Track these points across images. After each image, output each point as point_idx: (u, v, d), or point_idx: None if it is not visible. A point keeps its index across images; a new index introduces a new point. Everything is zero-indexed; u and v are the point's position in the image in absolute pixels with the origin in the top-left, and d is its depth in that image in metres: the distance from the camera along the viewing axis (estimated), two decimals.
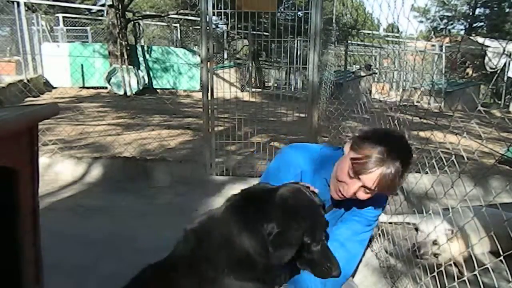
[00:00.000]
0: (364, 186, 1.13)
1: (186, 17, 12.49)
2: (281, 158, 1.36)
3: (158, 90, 10.34)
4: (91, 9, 16.25)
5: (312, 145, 1.40)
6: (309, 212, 1.04)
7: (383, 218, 2.77)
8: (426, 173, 2.13)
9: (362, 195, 1.15)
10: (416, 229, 2.58)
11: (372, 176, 1.10)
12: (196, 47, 12.20)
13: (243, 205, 1.07)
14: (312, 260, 1.06)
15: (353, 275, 1.42)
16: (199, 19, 3.46)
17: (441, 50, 12.94)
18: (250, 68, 10.63)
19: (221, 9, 3.45)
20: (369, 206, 1.30)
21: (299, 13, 4.43)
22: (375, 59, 15.58)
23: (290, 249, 0.99)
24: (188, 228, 1.13)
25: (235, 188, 3.59)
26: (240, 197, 1.11)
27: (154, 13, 13.33)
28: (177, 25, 12.82)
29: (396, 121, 2.39)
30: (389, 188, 1.13)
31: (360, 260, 1.39)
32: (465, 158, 1.83)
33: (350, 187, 1.14)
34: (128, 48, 9.46)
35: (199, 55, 7.97)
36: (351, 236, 1.31)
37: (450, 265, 1.91)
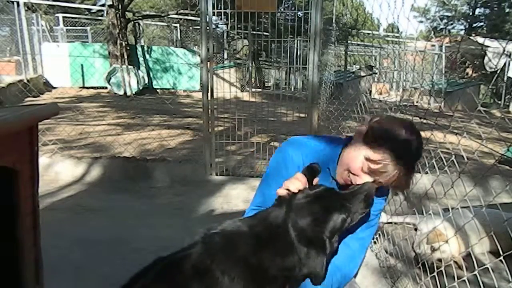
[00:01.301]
0: (376, 182, 1.14)
1: (186, 17, 12.48)
2: (280, 157, 1.35)
3: (158, 90, 10.34)
4: (91, 9, 16.25)
5: (311, 139, 1.38)
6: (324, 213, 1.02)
7: (383, 218, 2.78)
8: (426, 173, 2.13)
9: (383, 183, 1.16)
10: (416, 229, 2.58)
11: (388, 178, 1.12)
12: (196, 47, 12.19)
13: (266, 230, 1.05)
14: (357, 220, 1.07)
15: (355, 276, 1.41)
16: (199, 19, 3.46)
17: (441, 50, 12.93)
18: (250, 68, 10.63)
19: (221, 9, 3.45)
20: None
21: (299, 13, 4.42)
22: (375, 59, 15.57)
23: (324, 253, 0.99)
24: (209, 232, 1.09)
25: (235, 188, 3.61)
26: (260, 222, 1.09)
27: (154, 13, 13.32)
28: (177, 25, 12.81)
29: None
30: (402, 186, 1.16)
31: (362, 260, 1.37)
32: (465, 158, 1.83)
33: (363, 180, 1.13)
34: (128, 48, 9.46)
35: (199, 55, 7.96)
36: (354, 234, 1.29)
37: (450, 265, 1.91)
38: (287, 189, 1.09)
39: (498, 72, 11.17)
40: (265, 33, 9.12)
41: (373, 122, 1.16)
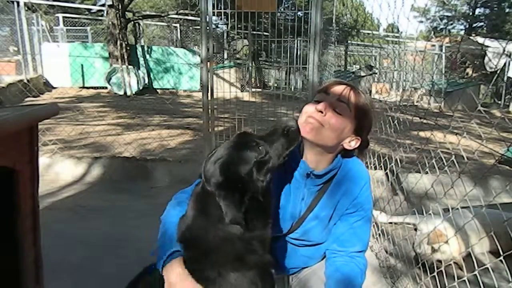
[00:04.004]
0: (334, 102, 1.20)
1: (186, 17, 12.48)
2: None
3: (158, 90, 10.34)
4: (91, 9, 16.25)
5: None
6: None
7: (383, 218, 2.78)
8: (426, 173, 2.13)
9: (333, 117, 1.18)
10: (416, 229, 2.58)
11: (339, 87, 1.24)
12: (196, 47, 12.18)
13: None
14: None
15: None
16: (199, 19, 3.46)
17: (441, 50, 12.93)
18: (250, 68, 10.62)
19: (221, 9, 3.45)
20: (358, 197, 1.23)
21: (299, 13, 4.42)
22: (375, 59, 15.56)
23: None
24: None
25: None
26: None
27: (154, 13, 13.31)
28: (177, 25, 12.81)
29: (396, 121, 2.39)
30: (354, 98, 1.23)
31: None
32: (465, 158, 1.83)
33: (325, 103, 1.20)
34: (128, 48, 9.46)
35: (199, 55, 7.96)
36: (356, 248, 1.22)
37: (450, 265, 1.91)
38: None
39: (498, 72, 11.16)
40: (265, 33, 9.11)
41: None
